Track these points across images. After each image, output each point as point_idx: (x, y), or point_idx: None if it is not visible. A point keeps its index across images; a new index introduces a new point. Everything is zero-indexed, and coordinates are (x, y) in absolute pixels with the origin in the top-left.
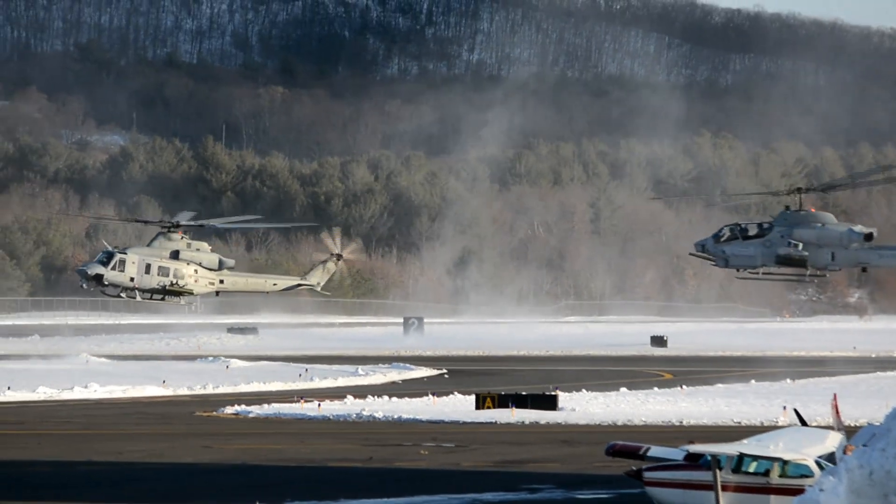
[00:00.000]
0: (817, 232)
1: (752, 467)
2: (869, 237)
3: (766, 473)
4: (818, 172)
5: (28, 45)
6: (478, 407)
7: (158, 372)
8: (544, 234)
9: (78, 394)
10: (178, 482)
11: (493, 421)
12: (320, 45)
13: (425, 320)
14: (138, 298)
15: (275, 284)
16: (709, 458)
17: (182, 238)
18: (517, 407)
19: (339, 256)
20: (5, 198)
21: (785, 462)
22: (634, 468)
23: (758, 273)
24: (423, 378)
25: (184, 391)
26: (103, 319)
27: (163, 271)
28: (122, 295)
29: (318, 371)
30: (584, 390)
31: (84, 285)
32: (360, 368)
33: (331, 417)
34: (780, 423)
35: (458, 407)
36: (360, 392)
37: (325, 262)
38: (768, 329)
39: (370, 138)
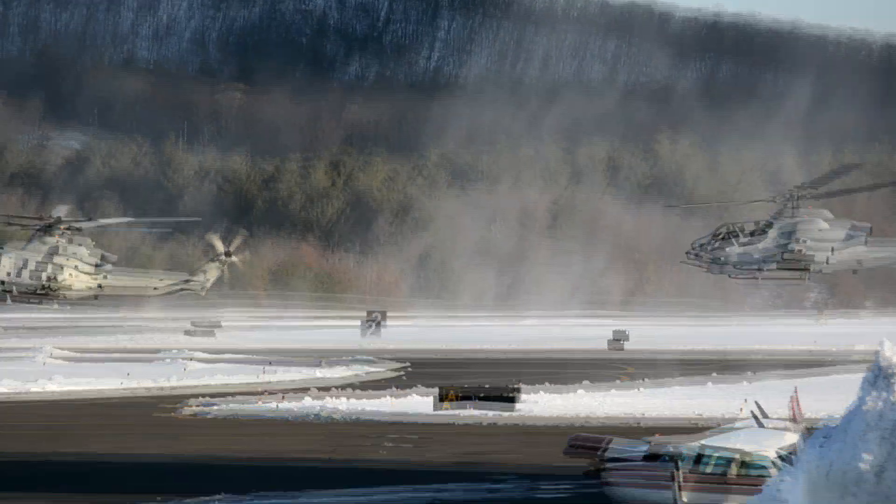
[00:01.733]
0: (819, 231)
1: (712, 463)
2: (869, 234)
3: (726, 468)
4: (776, 176)
5: None
6: (439, 403)
7: (120, 368)
8: (504, 233)
9: (41, 388)
10: (146, 476)
11: (453, 418)
12: (279, 46)
13: (386, 318)
14: (9, 300)
15: (160, 280)
16: (669, 454)
17: (60, 236)
18: (477, 403)
19: (227, 254)
20: None
21: (744, 458)
22: (594, 465)
23: (756, 277)
24: (383, 374)
25: (145, 387)
26: (62, 314)
27: (38, 270)
28: None
29: (280, 366)
30: (546, 383)
31: None
32: (321, 364)
33: (291, 415)
34: (738, 421)
35: (419, 403)
36: (322, 388)
37: (211, 262)
38: (726, 327)
39: (329, 139)
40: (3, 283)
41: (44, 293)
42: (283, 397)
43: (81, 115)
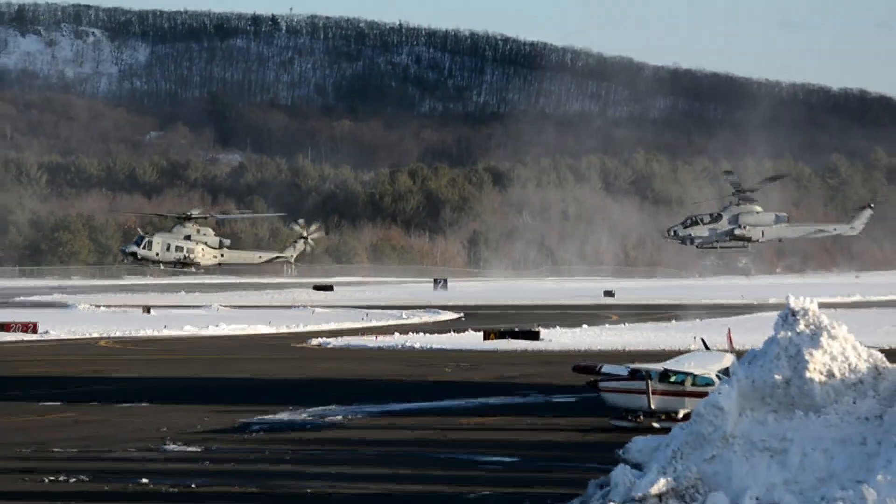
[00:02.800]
0: (755, 217)
1: (673, 379)
2: (787, 220)
3: (683, 383)
4: (717, 178)
5: (175, 93)
6: (485, 339)
7: (266, 316)
8: (531, 220)
9: (212, 331)
10: (281, 391)
11: (495, 349)
12: (375, 91)
13: (449, 280)
14: (162, 269)
15: (260, 257)
16: (643, 373)
17: (193, 225)
18: (511, 339)
19: (304, 238)
20: (161, 199)
21: (695, 375)
22: (592, 380)
23: (715, 247)
24: (446, 319)
25: (283, 329)
26: (228, 280)
27: (178, 249)
28: (151, 266)
29: (375, 315)
30: (557, 327)
31: (124, 259)
32: (404, 313)
33: (383, 347)
34: (691, 349)
35: (471, 339)
36: (404, 329)
37: (295, 242)
38: (683, 284)
39: (410, 155)
40: (157, 255)
41: (182, 264)
42: (377, 336)
43: (240, 141)
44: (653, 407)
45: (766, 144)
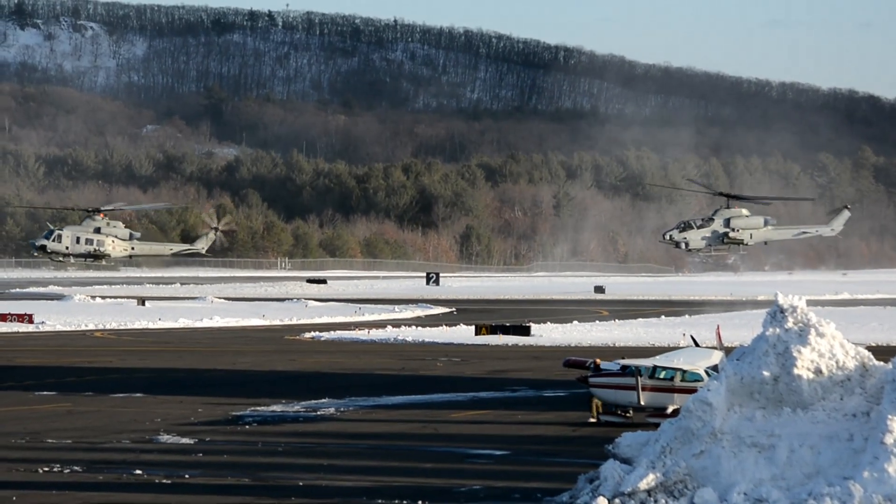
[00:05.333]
0: (744, 221)
1: (663, 375)
2: (775, 222)
3: (672, 379)
4: (708, 175)
5: (172, 87)
6: (476, 334)
7: (260, 309)
8: (522, 216)
9: (206, 323)
10: (275, 383)
11: (486, 344)
12: (370, 87)
13: (441, 276)
14: (72, 261)
15: (171, 249)
16: (633, 368)
17: (103, 218)
18: (503, 334)
19: (216, 229)
20: (157, 191)
21: (684, 371)
22: (582, 376)
23: (710, 251)
24: (438, 314)
25: (277, 322)
26: (221, 272)
27: (88, 241)
28: (61, 259)
29: (368, 309)
30: (548, 322)
31: (35, 253)
32: (396, 307)
33: (375, 340)
34: (680, 345)
35: (463, 333)
36: (396, 323)
37: (207, 233)
38: (673, 281)
39: (403, 151)
40: (67, 248)
41: (92, 257)
42: (369, 330)
43: (235, 135)
44: (642, 402)
45: (755, 142)
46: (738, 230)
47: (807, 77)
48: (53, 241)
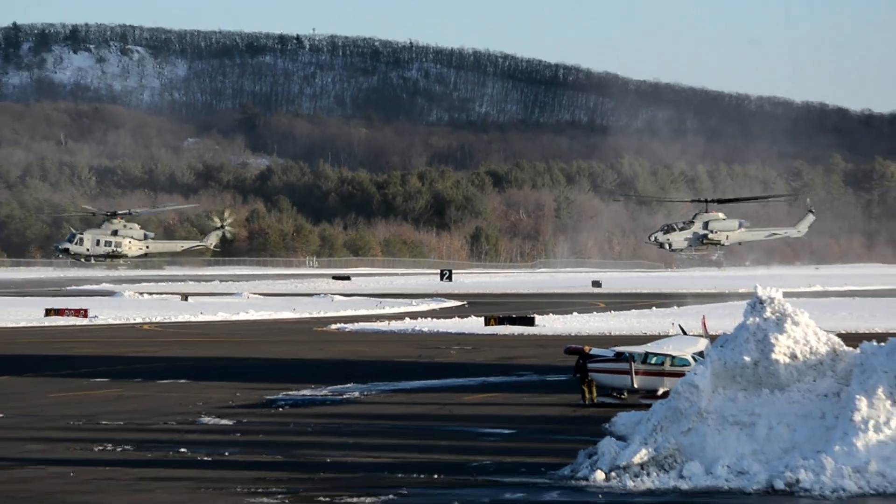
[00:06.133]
0: (721, 223)
1: (654, 360)
2: (746, 225)
3: (662, 364)
4: (693, 181)
5: (210, 104)
6: (486, 324)
7: (291, 303)
8: (526, 218)
9: (242, 316)
10: (304, 370)
11: (495, 333)
12: (388, 102)
13: (454, 272)
14: (93, 262)
15: (182, 246)
16: (627, 354)
17: (119, 221)
18: (510, 324)
19: (222, 227)
20: (197, 197)
21: (673, 357)
22: (581, 361)
23: (691, 251)
24: (452, 307)
25: (306, 315)
26: (256, 271)
27: (107, 243)
28: (83, 260)
29: (388, 302)
30: (550, 314)
31: (59, 255)
32: (413, 301)
33: (395, 331)
34: (670, 333)
35: (474, 324)
36: (414, 315)
37: (214, 230)
38: (663, 276)
39: (419, 160)
40: (88, 250)
41: (111, 257)
42: (389, 322)
43: (267, 147)
44: (635, 385)
45: (736, 150)
46: (715, 232)
47: (782, 91)
48: (76, 244)
